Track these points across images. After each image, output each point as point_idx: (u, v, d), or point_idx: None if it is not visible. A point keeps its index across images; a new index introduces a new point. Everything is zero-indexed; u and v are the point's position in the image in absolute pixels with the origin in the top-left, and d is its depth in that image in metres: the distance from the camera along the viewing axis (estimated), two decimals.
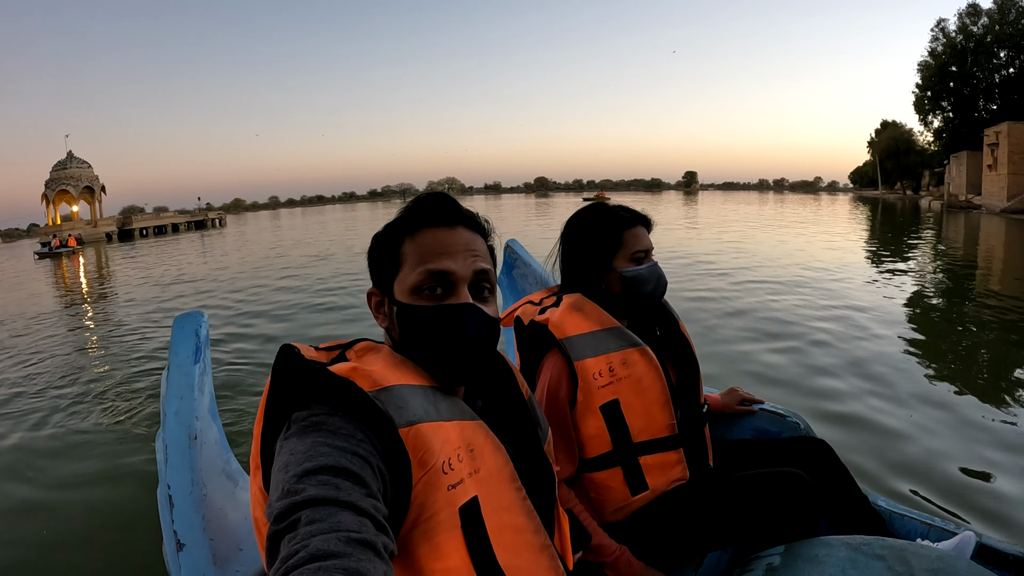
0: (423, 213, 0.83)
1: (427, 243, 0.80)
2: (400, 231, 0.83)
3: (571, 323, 1.28)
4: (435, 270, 0.79)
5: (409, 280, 0.79)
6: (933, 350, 5.15)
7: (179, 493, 1.10)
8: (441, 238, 0.81)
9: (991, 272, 10.55)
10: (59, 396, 5.12)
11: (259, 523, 0.72)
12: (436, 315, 0.78)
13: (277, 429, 0.70)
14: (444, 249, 0.80)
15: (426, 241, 0.81)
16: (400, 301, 0.80)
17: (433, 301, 0.79)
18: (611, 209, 1.38)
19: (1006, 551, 1.22)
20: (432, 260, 0.79)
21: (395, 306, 0.81)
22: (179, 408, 1.18)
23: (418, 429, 0.70)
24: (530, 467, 0.86)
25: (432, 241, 0.81)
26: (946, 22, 43.82)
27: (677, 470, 1.30)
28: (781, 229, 19.62)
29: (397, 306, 0.80)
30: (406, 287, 0.80)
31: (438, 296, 0.79)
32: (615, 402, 1.25)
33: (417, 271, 0.79)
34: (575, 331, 1.27)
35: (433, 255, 0.79)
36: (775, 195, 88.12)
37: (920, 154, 52.12)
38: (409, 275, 0.80)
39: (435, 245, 0.80)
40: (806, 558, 1.07)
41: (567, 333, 1.26)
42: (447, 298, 0.79)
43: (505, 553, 0.74)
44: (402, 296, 0.80)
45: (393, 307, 0.81)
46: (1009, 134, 29.38)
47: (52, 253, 28.77)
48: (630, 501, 1.27)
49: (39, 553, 2.71)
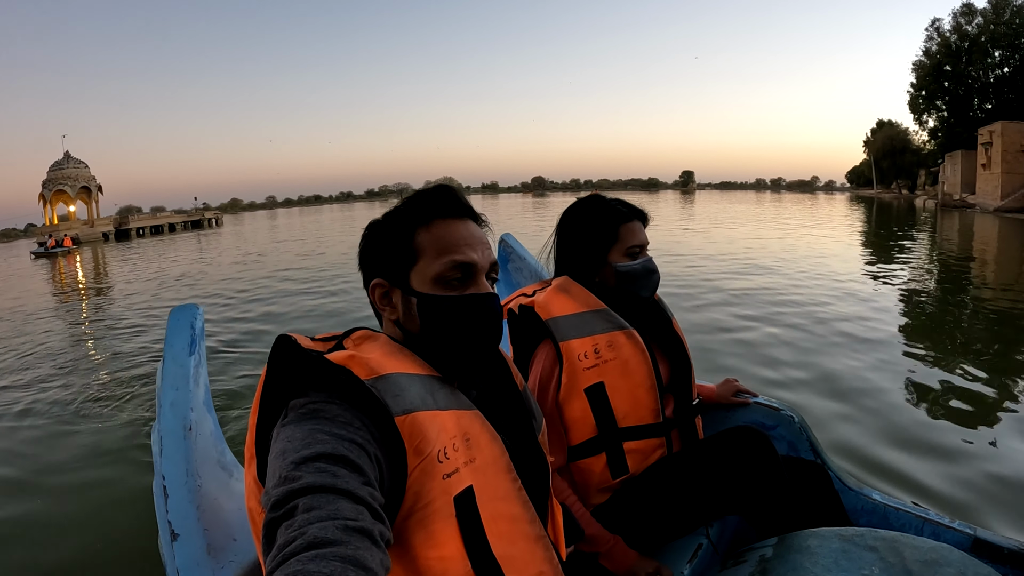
0: (435, 204, 0.84)
1: (446, 234, 0.82)
2: (411, 222, 0.84)
3: (557, 304, 1.28)
4: (461, 261, 0.80)
5: (431, 270, 0.80)
6: (929, 344, 5.19)
7: (174, 484, 1.11)
8: (458, 230, 0.83)
9: (986, 272, 10.63)
10: (53, 388, 5.11)
11: (254, 513, 0.72)
12: (467, 304, 0.80)
13: (272, 418, 0.70)
14: (466, 240, 0.82)
15: (444, 232, 0.82)
16: (420, 292, 0.81)
17: (457, 291, 0.80)
18: (608, 203, 1.37)
19: (1002, 544, 1.22)
20: (456, 251, 0.81)
21: (414, 297, 0.81)
22: (175, 399, 1.19)
23: (414, 417, 0.70)
24: (525, 457, 0.87)
25: (450, 232, 0.82)
26: (941, 21, 44.03)
27: (657, 455, 1.31)
28: (774, 227, 19.67)
29: (418, 297, 0.81)
30: (427, 277, 0.81)
31: (460, 286, 0.81)
32: (600, 385, 1.25)
33: (441, 261, 0.80)
34: (560, 312, 1.27)
35: (456, 246, 0.81)
36: (772, 194, 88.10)
37: (916, 153, 52.20)
38: (431, 265, 0.81)
39: (456, 236, 0.82)
40: (799, 549, 1.07)
41: (552, 314, 1.26)
42: (467, 287, 0.81)
43: (500, 542, 0.74)
44: (422, 286, 0.81)
45: (412, 297, 0.81)
46: (1003, 133, 29.51)
47: (48, 253, 28.91)
48: (610, 483, 1.28)
49: (33, 543, 2.72)
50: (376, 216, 0.91)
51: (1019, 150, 28.60)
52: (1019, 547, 1.20)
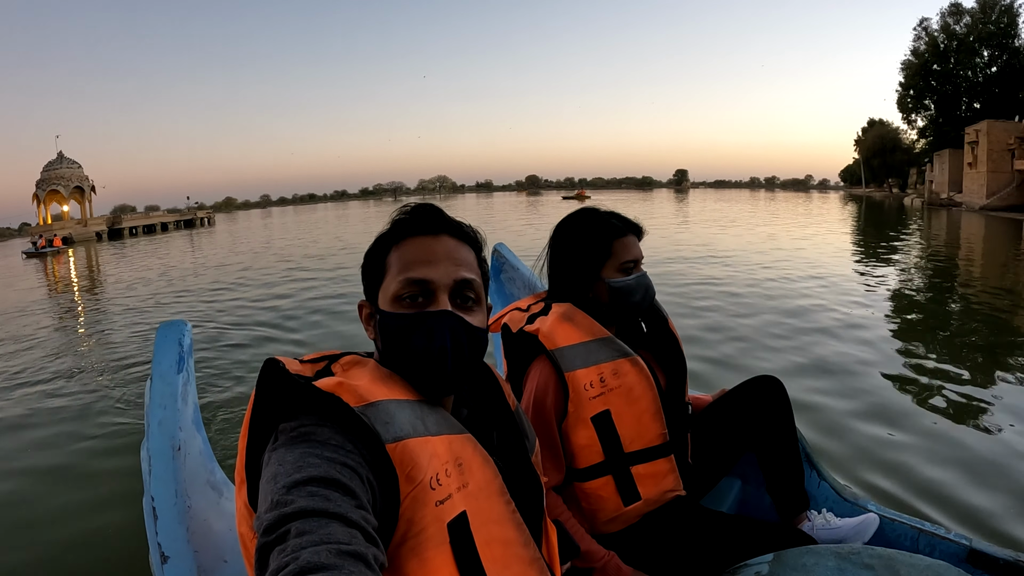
0: (408, 223, 0.84)
1: (409, 252, 0.81)
2: (387, 241, 0.84)
3: (561, 334, 1.26)
4: (414, 278, 0.79)
5: (391, 289, 0.80)
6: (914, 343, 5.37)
7: (163, 505, 1.09)
8: (423, 246, 0.81)
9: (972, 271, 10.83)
10: (35, 398, 5.04)
11: (245, 539, 0.71)
12: (410, 322, 0.78)
13: (262, 442, 0.70)
14: (425, 257, 0.80)
15: (409, 250, 0.81)
16: (382, 310, 0.81)
17: (413, 309, 0.79)
18: (602, 216, 1.36)
19: (997, 556, 1.21)
20: (411, 268, 0.79)
21: (378, 315, 0.82)
22: (162, 419, 1.17)
23: (405, 444, 0.70)
24: (518, 479, 0.87)
25: (414, 250, 0.81)
26: (929, 21, 44.33)
27: (669, 480, 1.30)
28: (764, 227, 19.88)
29: (379, 315, 0.81)
30: (388, 296, 0.80)
31: (419, 304, 0.79)
32: (606, 412, 1.24)
33: (398, 279, 0.80)
34: (565, 342, 1.25)
35: (413, 263, 0.80)
36: (766, 193, 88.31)
37: (907, 152, 52.59)
38: (391, 284, 0.80)
39: (417, 253, 0.81)
40: (795, 567, 1.07)
41: (558, 344, 1.25)
42: (427, 306, 0.79)
43: (494, 567, 0.74)
44: (384, 305, 0.81)
45: (377, 316, 0.82)
46: (988, 132, 29.86)
47: (38, 253, 29.23)
48: (623, 511, 1.27)
49: (20, 565, 2.68)
50: (370, 214, 0.97)
51: (1004, 149, 28.94)
52: (1014, 558, 1.19)
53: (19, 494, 3.41)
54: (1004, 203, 27.63)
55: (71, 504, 3.21)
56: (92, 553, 2.72)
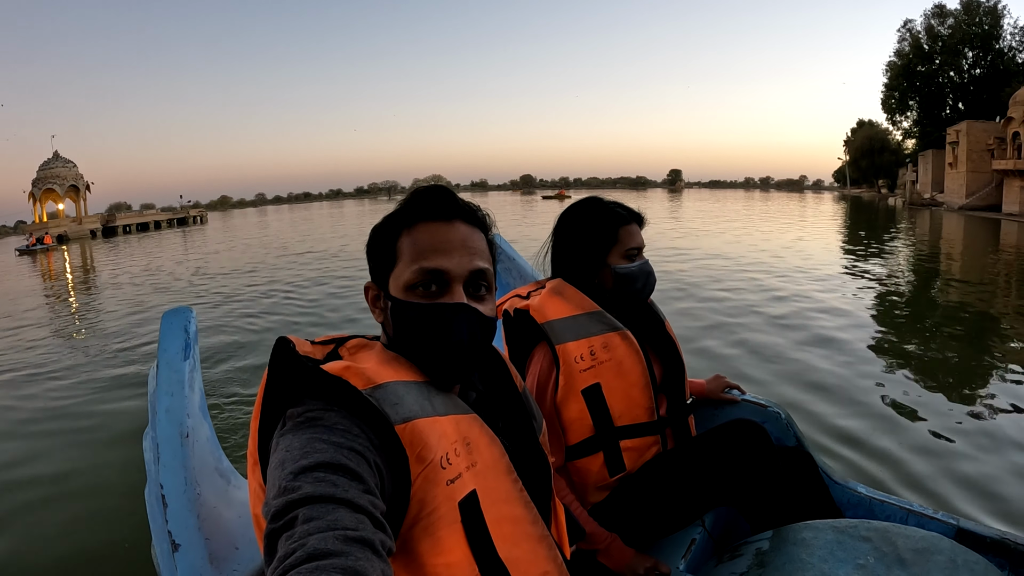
0: (421, 206, 0.81)
1: (423, 239, 0.79)
2: (398, 224, 0.82)
3: (552, 307, 1.28)
4: (429, 268, 0.77)
5: (404, 277, 0.78)
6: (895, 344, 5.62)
7: (172, 493, 1.07)
8: (438, 233, 0.79)
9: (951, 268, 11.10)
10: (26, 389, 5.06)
11: (259, 519, 0.71)
12: (427, 313, 0.76)
13: (275, 424, 0.69)
14: (440, 246, 0.78)
15: (422, 236, 0.79)
16: (394, 297, 0.79)
17: (427, 298, 0.77)
18: (607, 205, 1.38)
19: (984, 534, 1.24)
20: (427, 258, 0.78)
21: (390, 301, 0.80)
22: (170, 406, 1.15)
23: (414, 425, 0.70)
24: (525, 458, 0.87)
25: (428, 237, 0.79)
26: (913, 23, 44.40)
27: (652, 452, 1.34)
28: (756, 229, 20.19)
29: (392, 301, 0.79)
30: (400, 283, 0.79)
31: (432, 293, 0.78)
32: (597, 386, 1.26)
33: (412, 268, 0.78)
34: (556, 315, 1.27)
35: (428, 252, 0.78)
36: (761, 193, 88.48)
37: (895, 152, 52.92)
38: (404, 272, 0.78)
39: (431, 241, 0.79)
40: (794, 541, 1.08)
41: (548, 317, 1.27)
42: (441, 296, 0.78)
43: (504, 544, 0.74)
44: (396, 292, 0.79)
45: (388, 302, 0.80)
46: (968, 133, 30.21)
47: (30, 250, 30.53)
48: (607, 481, 1.30)
49: (17, 556, 2.70)
50: (364, 211, 1.16)
51: (984, 149, 29.32)
52: (1000, 536, 1.22)
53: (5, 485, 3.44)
54: (983, 203, 28.08)
55: (64, 494, 3.24)
56: (87, 541, 2.73)
